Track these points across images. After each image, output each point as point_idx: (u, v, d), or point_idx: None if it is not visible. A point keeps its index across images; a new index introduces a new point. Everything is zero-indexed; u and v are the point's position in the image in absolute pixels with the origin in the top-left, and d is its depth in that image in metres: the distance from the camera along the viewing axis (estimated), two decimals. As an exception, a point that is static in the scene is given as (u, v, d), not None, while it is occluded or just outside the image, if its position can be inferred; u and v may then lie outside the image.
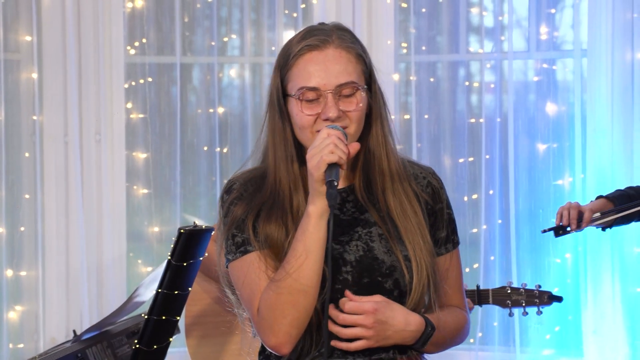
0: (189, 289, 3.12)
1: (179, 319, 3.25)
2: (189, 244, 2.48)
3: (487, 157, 4.85)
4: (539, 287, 3.73)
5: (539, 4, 4.84)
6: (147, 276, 3.66)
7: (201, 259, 2.52)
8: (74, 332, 3.84)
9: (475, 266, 4.88)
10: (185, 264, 2.48)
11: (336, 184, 2.23)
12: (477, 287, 3.71)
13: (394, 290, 2.37)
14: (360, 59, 2.40)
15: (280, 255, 2.36)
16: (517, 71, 4.91)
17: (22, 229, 4.96)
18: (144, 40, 5.05)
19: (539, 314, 3.72)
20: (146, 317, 3.26)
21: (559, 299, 3.74)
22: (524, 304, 3.71)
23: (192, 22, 5.08)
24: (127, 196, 5.05)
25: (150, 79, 5.04)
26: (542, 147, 4.84)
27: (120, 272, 5.02)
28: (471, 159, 4.93)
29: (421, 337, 2.38)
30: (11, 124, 4.94)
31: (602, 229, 3.76)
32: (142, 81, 5.04)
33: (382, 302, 2.34)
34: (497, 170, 4.85)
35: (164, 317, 3.19)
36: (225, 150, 5.02)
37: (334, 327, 2.35)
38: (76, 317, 4.97)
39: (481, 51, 4.92)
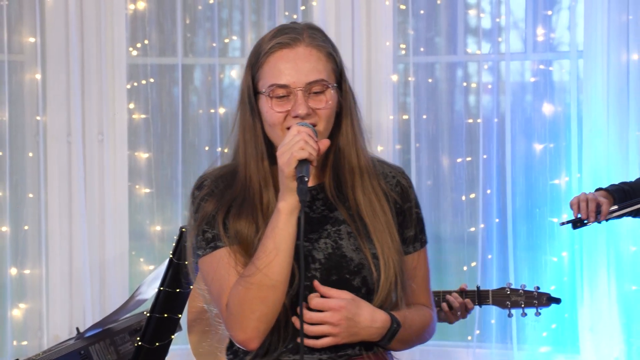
0: (191, 287, 3.16)
1: (180, 316, 3.29)
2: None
3: (485, 157, 4.84)
4: (538, 288, 3.73)
5: (535, 5, 4.84)
6: (149, 274, 3.69)
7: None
8: (77, 329, 3.85)
9: (473, 264, 4.88)
10: (186, 262, 2.49)
11: (307, 179, 2.23)
12: (477, 287, 3.71)
13: (362, 287, 2.37)
14: (330, 57, 2.39)
15: (249, 251, 2.35)
16: (514, 72, 4.88)
17: (26, 227, 4.97)
18: (146, 41, 5.06)
19: (538, 315, 3.72)
20: (148, 314, 3.30)
21: (557, 301, 3.73)
22: (523, 305, 3.70)
23: (193, 23, 5.08)
24: (129, 195, 5.06)
25: (152, 80, 5.04)
26: (538, 147, 4.83)
27: (122, 271, 5.02)
28: (469, 159, 4.92)
29: (387, 333, 2.38)
30: (15, 124, 4.95)
31: (599, 222, 3.74)
32: (144, 82, 5.05)
33: (348, 299, 2.34)
34: (495, 169, 4.84)
35: (165, 315, 3.24)
36: (226, 150, 5.03)
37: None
38: (79, 314, 4.98)
39: (479, 52, 4.92)
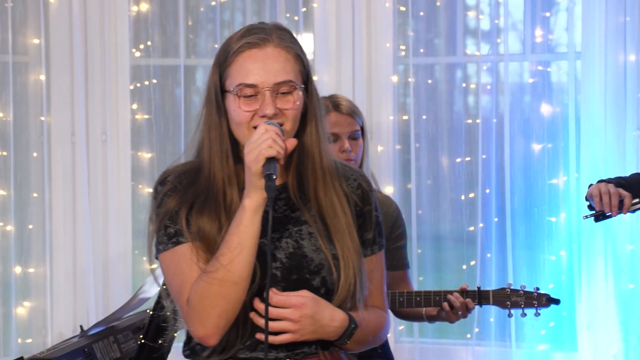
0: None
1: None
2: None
3: (484, 156, 4.84)
4: (537, 289, 3.75)
5: (534, 7, 4.83)
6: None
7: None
8: (80, 327, 3.86)
9: (472, 263, 4.89)
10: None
11: (275, 177, 2.23)
12: (478, 288, 3.74)
13: (321, 287, 2.38)
14: (298, 59, 2.39)
15: (211, 248, 2.34)
16: (512, 73, 4.88)
17: (31, 226, 4.99)
18: (149, 42, 5.07)
19: (537, 315, 3.74)
20: (151, 312, 3.34)
21: (556, 302, 3.74)
22: (523, 306, 3.72)
23: (195, 25, 5.09)
24: (132, 195, 5.07)
25: (154, 81, 5.06)
26: (537, 147, 4.83)
27: (125, 269, 5.04)
28: (468, 159, 4.92)
29: (345, 333, 2.39)
30: (20, 125, 4.96)
31: (623, 213, 3.66)
32: (147, 83, 5.07)
33: (308, 297, 2.35)
34: (494, 169, 4.84)
35: (168, 313, 3.28)
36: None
37: (260, 320, 2.35)
38: (83, 312, 5.00)
39: (478, 53, 4.91)
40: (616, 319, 4.65)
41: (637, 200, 3.63)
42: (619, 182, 3.67)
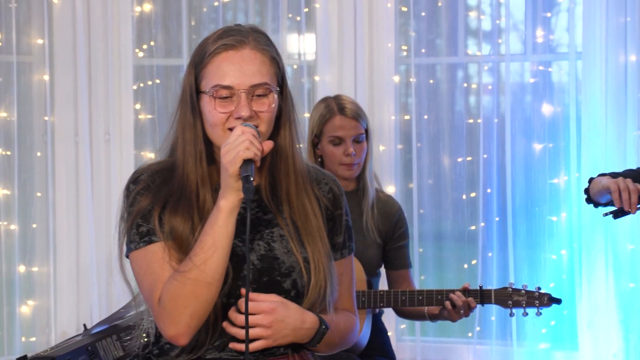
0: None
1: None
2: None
3: (485, 156, 4.86)
4: (539, 288, 3.75)
5: (535, 8, 4.84)
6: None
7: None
8: (84, 326, 3.85)
9: (473, 262, 4.90)
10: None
11: (252, 179, 2.22)
12: (480, 287, 3.75)
13: (292, 290, 2.38)
14: (274, 61, 2.39)
15: (184, 248, 2.33)
16: (513, 73, 4.89)
17: (34, 226, 5.00)
18: (152, 43, 5.08)
19: (539, 315, 3.74)
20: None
21: (558, 301, 3.75)
22: (525, 305, 3.73)
23: (198, 25, 5.09)
24: (135, 194, 5.12)
25: (157, 81, 5.07)
26: (538, 146, 4.84)
27: (128, 268, 5.06)
28: (469, 159, 4.94)
29: (316, 335, 2.39)
30: (24, 124, 4.97)
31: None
32: (150, 83, 5.08)
33: (278, 301, 2.34)
34: (495, 169, 4.85)
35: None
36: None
37: (232, 329, 2.35)
38: (86, 311, 5.01)
39: (479, 54, 4.92)
40: (617, 318, 4.66)
41: None
42: (632, 176, 3.58)
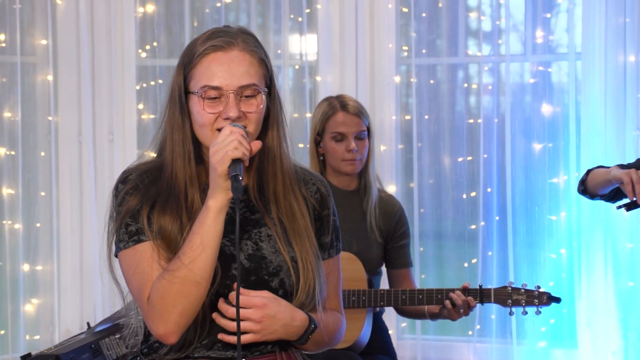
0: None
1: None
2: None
3: (485, 156, 4.87)
4: (539, 287, 3.77)
5: (534, 8, 4.85)
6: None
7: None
8: (87, 324, 3.87)
9: (473, 261, 4.91)
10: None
11: (241, 178, 2.22)
12: (480, 286, 3.77)
13: (279, 289, 2.39)
14: (262, 63, 2.40)
15: (172, 247, 2.34)
16: (513, 73, 4.90)
17: (38, 225, 5.01)
18: (155, 43, 5.09)
19: (538, 313, 3.76)
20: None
21: (557, 300, 3.76)
22: (524, 304, 3.74)
23: (201, 26, 5.08)
24: (138, 193, 5.12)
25: (160, 81, 5.07)
26: (537, 146, 4.86)
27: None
28: (470, 158, 4.95)
29: (305, 333, 2.40)
30: (27, 124, 4.98)
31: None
32: (152, 83, 5.09)
33: (270, 297, 2.35)
34: (495, 168, 4.86)
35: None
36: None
37: (222, 321, 2.35)
38: (90, 309, 5.02)
39: (479, 54, 4.94)
40: (616, 316, 4.67)
41: None
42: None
